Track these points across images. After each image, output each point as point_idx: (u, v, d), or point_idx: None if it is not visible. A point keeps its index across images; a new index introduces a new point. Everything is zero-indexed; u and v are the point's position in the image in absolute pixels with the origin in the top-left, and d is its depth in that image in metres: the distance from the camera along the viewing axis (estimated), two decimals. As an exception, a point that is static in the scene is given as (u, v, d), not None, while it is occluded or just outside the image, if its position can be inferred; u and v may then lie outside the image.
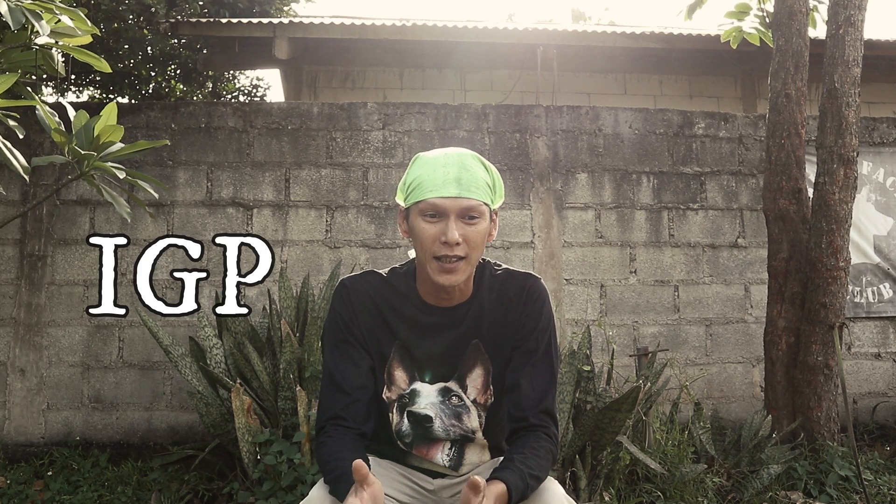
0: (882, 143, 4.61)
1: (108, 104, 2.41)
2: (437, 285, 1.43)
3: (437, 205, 1.37)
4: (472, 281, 1.49)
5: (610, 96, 7.29)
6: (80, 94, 6.85)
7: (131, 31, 5.75)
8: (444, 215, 1.37)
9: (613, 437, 2.85)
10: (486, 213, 1.41)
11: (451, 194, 1.36)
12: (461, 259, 1.38)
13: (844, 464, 3.29)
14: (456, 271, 1.39)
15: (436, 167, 1.39)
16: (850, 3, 3.55)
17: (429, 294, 1.48)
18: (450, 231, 1.35)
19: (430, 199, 1.37)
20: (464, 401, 1.51)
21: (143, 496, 3.22)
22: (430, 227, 1.38)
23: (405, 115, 4.32)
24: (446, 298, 1.48)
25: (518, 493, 1.31)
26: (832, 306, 3.47)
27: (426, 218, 1.38)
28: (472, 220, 1.38)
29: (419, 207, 1.39)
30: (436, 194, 1.37)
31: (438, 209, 1.37)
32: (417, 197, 1.38)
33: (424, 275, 1.44)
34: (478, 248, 1.40)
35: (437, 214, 1.38)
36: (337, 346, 1.49)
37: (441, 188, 1.37)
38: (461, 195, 1.36)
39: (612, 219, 4.38)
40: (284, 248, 4.16)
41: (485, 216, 1.40)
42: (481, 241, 1.40)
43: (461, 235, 1.36)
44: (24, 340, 3.98)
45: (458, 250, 1.37)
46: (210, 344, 3.31)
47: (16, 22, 1.90)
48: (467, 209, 1.37)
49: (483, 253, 1.45)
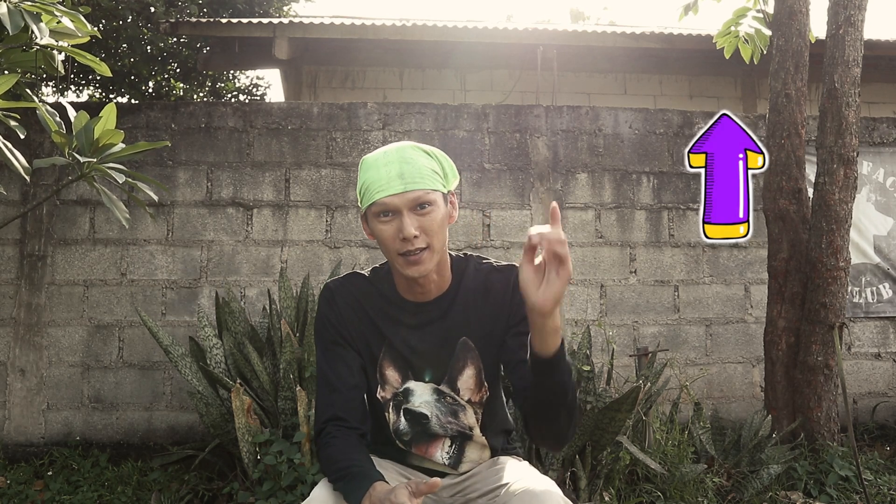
0: (882, 143, 4.61)
1: (107, 105, 2.41)
2: (409, 279, 1.44)
3: (387, 203, 1.39)
4: (447, 269, 1.50)
5: (610, 96, 7.29)
6: (80, 94, 6.85)
7: (131, 30, 5.75)
8: (396, 212, 1.39)
9: (613, 437, 2.85)
10: (438, 199, 1.42)
11: (397, 190, 1.38)
12: (424, 249, 1.39)
13: (844, 464, 3.29)
14: (421, 261, 1.40)
15: (378, 168, 1.41)
16: (850, 3, 3.55)
17: (406, 290, 1.50)
18: (405, 227, 1.37)
19: (379, 199, 1.39)
20: (458, 401, 1.52)
21: (143, 496, 3.22)
22: (387, 226, 1.40)
23: (405, 115, 4.32)
24: (422, 292, 1.49)
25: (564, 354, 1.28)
26: (832, 306, 3.47)
27: (380, 219, 1.40)
28: (424, 210, 1.39)
29: (372, 210, 1.41)
30: (383, 194, 1.39)
31: (389, 207, 1.39)
32: (368, 200, 1.41)
33: (397, 272, 1.46)
34: (437, 234, 1.41)
35: (389, 213, 1.39)
36: (328, 349, 1.51)
37: (386, 187, 1.39)
38: (406, 189, 1.38)
39: (612, 219, 4.38)
40: (284, 248, 4.16)
41: (437, 203, 1.41)
42: (439, 228, 1.41)
43: (417, 227, 1.38)
44: (24, 340, 3.98)
45: (418, 242, 1.38)
46: (210, 344, 3.31)
47: (14, 26, 1.90)
48: (416, 200, 1.39)
49: (446, 236, 1.46)
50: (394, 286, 1.52)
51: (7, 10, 1.92)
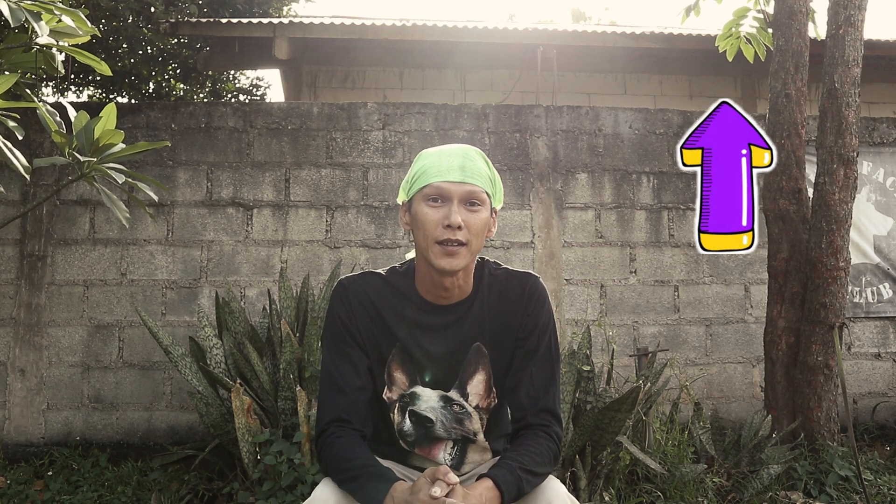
0: (882, 143, 4.61)
1: (107, 105, 2.41)
2: (437, 273, 1.43)
3: (442, 188, 1.40)
4: (471, 277, 1.49)
5: (610, 96, 7.29)
6: (81, 94, 6.85)
7: (131, 30, 5.75)
8: (447, 199, 1.40)
9: (613, 437, 2.85)
10: (488, 203, 1.44)
11: (455, 179, 1.40)
12: (462, 245, 1.39)
13: (844, 464, 3.29)
14: (457, 255, 1.40)
15: (440, 156, 1.43)
16: (850, 3, 3.55)
17: (428, 292, 1.49)
18: (453, 215, 1.38)
19: (435, 182, 1.40)
20: (465, 408, 1.52)
21: (143, 496, 3.22)
22: (434, 211, 1.40)
23: (405, 115, 4.32)
24: (445, 296, 1.48)
25: (510, 488, 1.31)
26: (832, 306, 3.47)
27: (430, 203, 1.41)
28: (474, 207, 1.41)
29: (423, 192, 1.41)
30: (440, 178, 1.40)
31: (442, 193, 1.40)
32: (423, 182, 1.42)
33: (424, 268, 1.45)
34: (478, 236, 1.42)
35: (440, 198, 1.40)
36: (335, 347, 1.49)
37: (445, 173, 1.40)
38: (465, 180, 1.40)
39: (612, 219, 4.38)
40: (284, 248, 4.16)
41: (486, 205, 1.43)
42: (482, 230, 1.42)
43: (463, 221, 1.39)
44: (24, 340, 3.98)
45: (460, 235, 1.39)
46: (210, 344, 3.31)
47: (15, 20, 1.90)
48: (470, 194, 1.40)
49: (482, 247, 1.46)
50: (413, 286, 1.50)
51: (8, 7, 1.92)
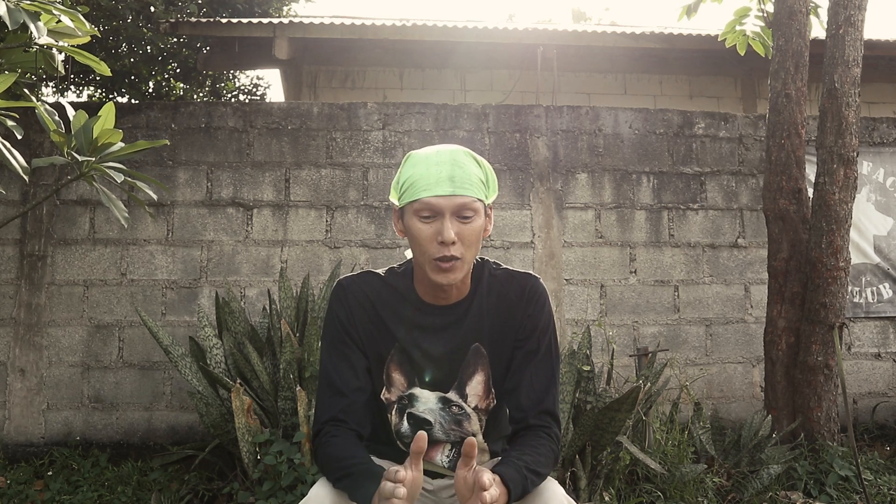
0: (882, 143, 4.61)
1: (106, 104, 2.41)
2: (434, 284, 1.42)
3: (432, 204, 1.36)
4: (469, 277, 1.49)
5: (610, 96, 7.29)
6: (80, 94, 6.85)
7: (131, 30, 5.75)
8: (438, 214, 1.36)
9: (613, 437, 2.85)
10: (481, 209, 1.40)
11: (445, 192, 1.35)
12: (457, 259, 1.37)
13: (844, 464, 3.29)
14: (453, 270, 1.38)
15: (428, 166, 1.38)
16: (850, 3, 3.55)
17: (426, 293, 1.48)
18: (445, 230, 1.35)
19: (424, 198, 1.36)
20: (464, 409, 1.51)
21: (143, 496, 3.22)
22: (426, 227, 1.37)
23: (405, 115, 4.32)
24: (444, 297, 1.48)
25: (516, 486, 1.29)
26: (832, 306, 3.47)
27: (421, 218, 1.37)
28: (466, 219, 1.37)
29: (413, 207, 1.38)
30: (430, 193, 1.36)
31: (433, 208, 1.36)
32: (411, 196, 1.38)
33: (422, 274, 1.44)
34: (473, 245, 1.40)
35: (431, 214, 1.37)
36: (334, 347, 1.49)
37: (434, 187, 1.36)
38: (455, 193, 1.36)
39: (612, 219, 4.37)
40: (284, 248, 4.16)
41: (479, 213, 1.40)
42: (476, 239, 1.40)
43: (456, 234, 1.36)
44: (24, 340, 3.98)
45: (454, 249, 1.36)
46: (210, 344, 3.31)
47: (14, 21, 1.90)
48: (462, 207, 1.36)
49: (480, 249, 1.45)
50: (412, 287, 1.50)
51: (6, 8, 1.92)
